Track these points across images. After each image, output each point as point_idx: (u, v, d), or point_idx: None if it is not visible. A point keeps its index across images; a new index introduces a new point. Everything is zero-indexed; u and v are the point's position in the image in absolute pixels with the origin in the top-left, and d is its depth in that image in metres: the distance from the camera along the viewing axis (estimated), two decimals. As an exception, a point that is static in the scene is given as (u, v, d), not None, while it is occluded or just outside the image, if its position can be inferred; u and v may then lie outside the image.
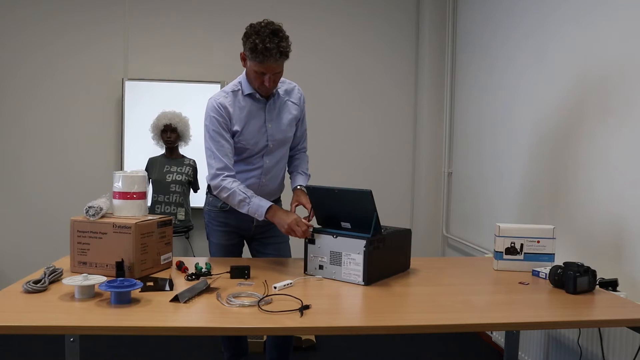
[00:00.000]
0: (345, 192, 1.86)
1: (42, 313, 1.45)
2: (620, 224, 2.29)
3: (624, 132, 2.28)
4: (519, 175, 3.18)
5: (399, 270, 2.04)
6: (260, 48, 1.95)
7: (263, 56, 1.97)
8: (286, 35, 2.01)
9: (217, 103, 2.14)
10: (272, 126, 2.21)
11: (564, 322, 1.52)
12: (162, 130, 3.63)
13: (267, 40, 1.95)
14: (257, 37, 1.96)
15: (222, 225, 2.31)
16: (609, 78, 2.38)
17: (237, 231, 2.33)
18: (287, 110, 2.27)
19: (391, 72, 4.47)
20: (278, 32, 1.99)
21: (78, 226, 1.89)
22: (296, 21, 4.34)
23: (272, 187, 2.31)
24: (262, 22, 2.01)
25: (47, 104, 4.19)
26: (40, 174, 4.20)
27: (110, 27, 4.21)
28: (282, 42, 1.99)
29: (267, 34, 1.96)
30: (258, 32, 1.97)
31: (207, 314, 1.48)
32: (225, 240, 2.33)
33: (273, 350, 2.40)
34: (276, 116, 2.23)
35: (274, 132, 2.22)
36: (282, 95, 2.25)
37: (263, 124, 2.20)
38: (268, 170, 2.26)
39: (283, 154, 2.31)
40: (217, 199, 2.29)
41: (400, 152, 4.52)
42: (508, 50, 3.34)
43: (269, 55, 1.97)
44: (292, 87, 2.32)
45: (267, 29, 1.98)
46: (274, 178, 2.30)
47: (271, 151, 2.25)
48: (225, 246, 2.33)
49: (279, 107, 2.24)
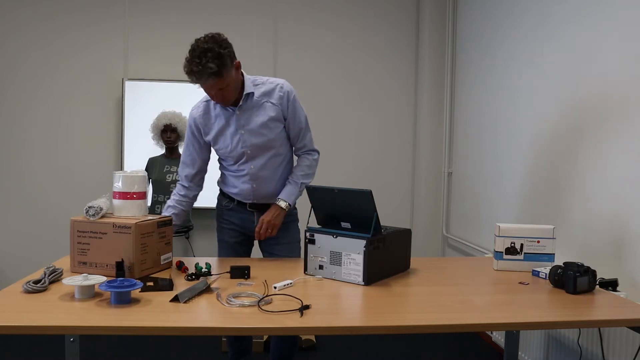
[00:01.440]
0: (345, 192, 1.86)
1: (42, 313, 1.45)
2: (620, 224, 2.29)
3: (624, 132, 2.28)
4: (519, 175, 3.18)
5: (399, 270, 2.04)
6: (188, 71, 1.98)
7: (195, 78, 1.98)
8: (218, 52, 1.95)
9: (190, 115, 2.29)
10: (245, 132, 2.19)
11: (564, 322, 1.52)
12: (162, 130, 3.63)
13: (193, 63, 1.95)
14: (188, 58, 1.97)
15: (228, 223, 2.37)
16: (609, 78, 2.38)
17: (241, 230, 2.35)
18: (262, 113, 2.20)
19: (391, 72, 4.47)
20: (207, 52, 1.94)
21: (78, 226, 1.89)
22: (296, 21, 4.34)
23: (267, 190, 2.28)
24: (201, 38, 1.99)
25: (47, 104, 4.19)
26: (40, 174, 4.20)
27: (110, 27, 4.21)
28: (209, 63, 1.94)
29: (196, 55, 1.95)
30: (191, 52, 1.97)
31: (207, 314, 1.48)
32: (229, 238, 2.36)
33: (277, 349, 2.41)
34: (248, 121, 2.19)
35: (248, 138, 2.19)
36: (257, 97, 2.19)
37: (235, 131, 2.20)
38: (255, 176, 2.24)
39: (270, 158, 2.25)
40: (223, 197, 2.39)
41: (400, 152, 4.52)
42: (508, 50, 3.34)
43: (198, 77, 1.98)
44: (273, 87, 2.22)
45: (198, 49, 1.95)
46: (267, 182, 2.27)
47: (252, 157, 2.22)
48: (231, 244, 2.36)
49: (251, 110, 2.19)
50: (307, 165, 2.36)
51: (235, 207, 2.33)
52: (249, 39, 4.30)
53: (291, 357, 2.43)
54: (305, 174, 2.33)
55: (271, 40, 4.32)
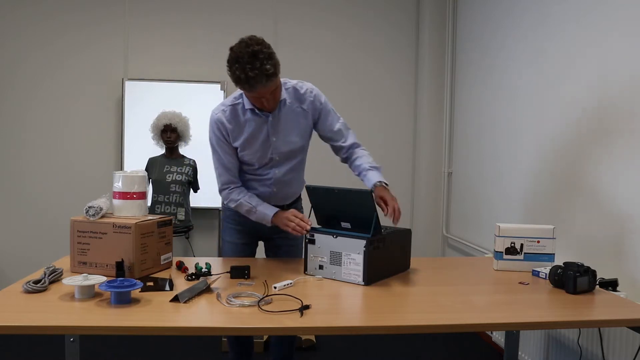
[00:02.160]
0: (345, 192, 1.86)
1: (42, 313, 1.45)
2: (620, 224, 2.29)
3: (624, 132, 2.28)
4: (519, 175, 3.18)
5: (399, 270, 2.04)
6: (243, 78, 1.84)
7: (249, 85, 1.87)
8: (269, 52, 1.85)
9: (215, 119, 2.10)
10: (277, 139, 2.12)
11: (564, 322, 1.52)
12: (162, 130, 3.63)
13: (248, 68, 1.82)
14: (238, 65, 1.83)
15: (237, 224, 2.31)
16: (609, 78, 2.38)
17: (251, 232, 2.30)
18: (295, 120, 2.13)
19: (391, 72, 4.47)
20: (258, 54, 1.82)
21: (78, 226, 1.89)
22: (296, 21, 4.34)
23: (286, 192, 2.25)
24: (241, 43, 1.86)
25: (47, 104, 4.19)
26: (40, 174, 4.20)
27: (110, 27, 4.21)
28: (265, 65, 1.83)
29: (247, 60, 1.81)
30: (238, 59, 1.83)
31: (207, 314, 1.48)
32: (238, 239, 2.31)
33: (277, 349, 2.41)
34: (281, 129, 2.11)
35: (279, 145, 2.13)
36: (289, 103, 2.11)
37: (267, 138, 2.10)
38: (278, 181, 2.20)
39: (295, 164, 2.22)
40: None
41: (400, 152, 4.52)
42: (508, 50, 3.34)
43: (254, 83, 1.85)
44: (303, 91, 2.15)
45: (247, 54, 1.82)
46: (287, 185, 2.23)
47: (279, 163, 2.17)
48: (238, 245, 2.31)
49: (285, 118, 2.11)
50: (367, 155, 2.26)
51: None
52: (249, 39, 4.29)
53: (291, 357, 2.43)
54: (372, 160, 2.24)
55: (271, 40, 4.27)
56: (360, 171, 2.22)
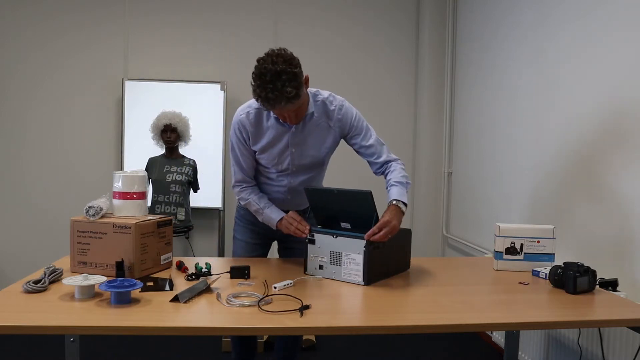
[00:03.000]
0: (345, 193, 1.86)
1: (42, 313, 1.45)
2: (620, 224, 2.29)
3: (624, 132, 2.28)
4: (519, 175, 3.18)
5: (399, 270, 2.04)
6: (264, 98, 1.78)
7: (270, 105, 1.82)
8: (293, 72, 1.77)
9: (238, 120, 2.07)
10: (296, 151, 2.09)
11: (564, 322, 1.52)
12: (162, 130, 3.63)
13: (269, 88, 1.75)
14: (260, 83, 1.77)
15: (250, 224, 2.29)
16: (609, 78, 2.38)
17: (264, 232, 2.28)
18: (319, 135, 2.09)
19: (391, 72, 4.47)
20: (281, 75, 1.75)
21: (78, 226, 1.89)
22: (296, 21, 4.34)
23: (301, 200, 2.22)
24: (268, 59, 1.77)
25: (47, 104, 4.19)
26: (40, 174, 4.20)
27: (110, 27, 4.21)
28: (287, 87, 1.75)
29: (269, 79, 1.74)
30: (261, 75, 1.76)
31: (207, 314, 1.48)
32: (250, 239, 2.30)
33: (281, 349, 2.42)
34: (302, 142, 2.08)
35: (297, 157, 2.10)
36: (316, 117, 2.06)
37: (286, 148, 2.07)
38: (293, 189, 2.17)
39: (312, 175, 2.19)
40: None
41: (400, 152, 4.52)
42: (508, 50, 3.34)
43: (274, 104, 1.80)
44: (333, 107, 2.08)
45: (270, 72, 1.74)
46: (302, 193, 2.20)
47: (295, 173, 2.15)
48: (249, 244, 2.30)
49: (309, 131, 2.07)
50: (403, 169, 2.17)
51: None
52: (249, 39, 4.30)
53: (294, 356, 2.43)
54: (404, 175, 2.13)
55: (271, 40, 4.32)
56: (387, 186, 2.14)
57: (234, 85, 4.19)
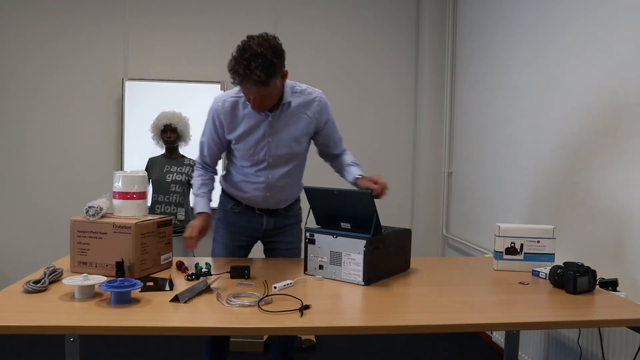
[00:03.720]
0: (344, 193, 1.86)
1: (42, 313, 1.45)
2: (620, 224, 2.29)
3: (624, 132, 2.28)
4: (519, 175, 3.18)
5: (399, 270, 2.04)
6: (234, 71, 1.83)
7: (237, 81, 1.86)
8: (270, 60, 1.81)
9: (214, 108, 2.11)
10: (273, 141, 2.08)
11: (564, 322, 1.52)
12: (162, 130, 3.63)
13: (240, 65, 1.80)
14: (237, 57, 1.82)
15: (230, 225, 2.27)
16: (610, 78, 2.38)
17: (245, 232, 2.27)
18: (295, 125, 2.10)
19: (391, 72, 4.47)
20: (258, 58, 1.79)
21: (78, 226, 1.89)
22: (296, 21, 4.34)
23: (280, 197, 2.22)
24: (256, 39, 1.83)
25: (47, 104, 4.19)
26: (40, 174, 4.20)
27: (110, 27, 4.21)
28: (257, 70, 1.79)
29: (245, 57, 1.80)
30: (242, 50, 1.82)
31: (207, 314, 1.48)
32: (230, 241, 2.26)
33: (276, 349, 2.41)
34: (279, 131, 2.08)
35: (274, 147, 2.09)
36: (294, 107, 2.08)
37: (262, 137, 2.07)
38: (272, 185, 2.15)
39: (292, 168, 2.17)
40: (228, 199, 2.29)
41: (400, 152, 4.52)
42: (508, 50, 3.34)
43: (240, 81, 1.85)
44: (310, 99, 2.12)
45: (250, 51, 1.80)
46: (281, 190, 2.20)
47: (273, 166, 2.13)
48: (229, 247, 2.27)
49: (286, 121, 2.08)
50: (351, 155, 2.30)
51: (243, 210, 2.24)
52: (249, 39, 4.30)
53: (290, 357, 2.43)
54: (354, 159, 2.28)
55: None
56: (343, 166, 2.25)
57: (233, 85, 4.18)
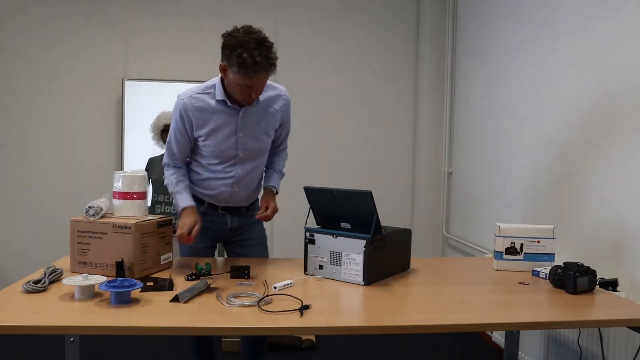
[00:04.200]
0: (344, 193, 1.86)
1: (42, 313, 1.45)
2: (620, 224, 2.29)
3: (625, 132, 2.28)
4: (519, 175, 3.18)
5: (399, 270, 2.04)
6: (250, 63, 1.82)
7: (253, 71, 1.85)
8: (270, 41, 1.89)
9: (181, 104, 2.07)
10: (244, 135, 2.09)
11: (564, 322, 1.52)
12: (162, 130, 3.63)
13: (255, 53, 1.82)
14: (244, 50, 1.82)
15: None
16: (611, 79, 2.38)
17: (211, 234, 2.24)
18: (266, 119, 2.13)
19: (391, 73, 4.47)
20: (264, 42, 1.85)
21: (78, 226, 1.89)
22: (295, 22, 4.34)
23: (244, 194, 2.22)
24: (241, 30, 1.87)
25: (47, 104, 4.19)
26: (40, 174, 4.20)
27: (111, 27, 4.20)
28: (270, 53, 1.86)
29: (254, 46, 1.82)
30: (243, 43, 1.82)
31: (207, 314, 1.48)
32: (197, 243, 2.17)
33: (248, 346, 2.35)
34: (251, 125, 2.10)
35: (246, 141, 2.10)
36: (262, 101, 2.11)
37: (234, 132, 2.08)
38: (240, 180, 2.16)
39: (258, 163, 2.21)
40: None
41: (400, 152, 4.52)
42: (508, 51, 3.34)
43: (259, 69, 1.85)
44: (277, 93, 2.16)
45: (253, 40, 1.83)
46: (248, 186, 2.21)
47: (243, 161, 2.14)
48: (194, 249, 2.21)
49: (256, 115, 2.10)
50: (285, 159, 2.38)
51: (206, 210, 2.21)
52: (249, 39, 4.29)
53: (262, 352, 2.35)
54: (284, 166, 2.37)
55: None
56: (269, 167, 2.32)
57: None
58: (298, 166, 4.29)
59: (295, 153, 3.57)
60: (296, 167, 4.25)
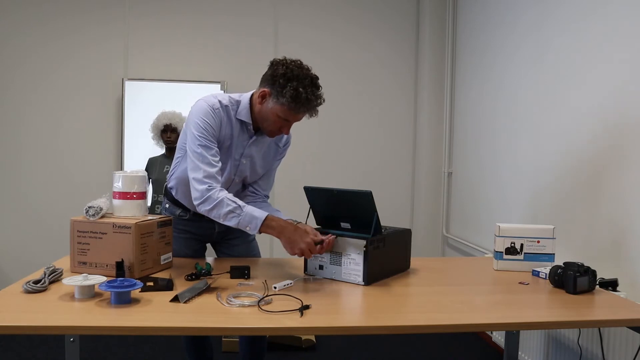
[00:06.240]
0: (344, 193, 1.86)
1: (42, 313, 1.45)
2: (620, 224, 2.29)
3: (625, 133, 2.28)
4: (519, 175, 3.18)
5: (399, 270, 2.04)
6: (303, 98, 1.79)
7: (304, 107, 1.82)
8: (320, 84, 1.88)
9: (210, 107, 1.93)
10: (246, 162, 2.04)
11: (564, 322, 1.52)
12: (162, 130, 3.63)
13: (309, 90, 1.80)
14: (299, 84, 1.79)
15: (183, 232, 2.18)
16: (611, 78, 2.38)
17: (198, 238, 2.22)
18: (270, 153, 2.11)
19: (391, 72, 4.47)
20: (317, 82, 1.86)
21: (78, 226, 1.89)
22: (296, 21, 4.34)
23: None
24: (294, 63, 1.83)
25: (47, 104, 4.19)
26: (40, 174, 4.20)
27: (111, 27, 4.21)
28: (321, 95, 1.86)
29: (309, 84, 1.81)
30: (299, 78, 1.79)
31: (207, 314, 1.48)
32: (186, 248, 2.18)
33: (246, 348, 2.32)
34: (255, 154, 2.05)
35: (245, 169, 2.05)
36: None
37: (238, 157, 2.02)
38: None
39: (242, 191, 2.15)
40: (175, 206, 2.17)
41: (400, 152, 4.52)
42: (508, 50, 3.34)
43: (309, 107, 1.83)
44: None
45: (308, 77, 1.82)
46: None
47: (235, 184, 2.09)
48: (186, 254, 2.19)
49: (263, 147, 2.07)
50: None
51: (192, 217, 2.15)
52: (249, 39, 4.30)
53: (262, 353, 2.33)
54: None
55: (271, 41, 4.32)
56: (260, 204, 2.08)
57: (233, 85, 4.18)
58: (298, 166, 4.29)
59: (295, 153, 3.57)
60: (296, 167, 4.25)
